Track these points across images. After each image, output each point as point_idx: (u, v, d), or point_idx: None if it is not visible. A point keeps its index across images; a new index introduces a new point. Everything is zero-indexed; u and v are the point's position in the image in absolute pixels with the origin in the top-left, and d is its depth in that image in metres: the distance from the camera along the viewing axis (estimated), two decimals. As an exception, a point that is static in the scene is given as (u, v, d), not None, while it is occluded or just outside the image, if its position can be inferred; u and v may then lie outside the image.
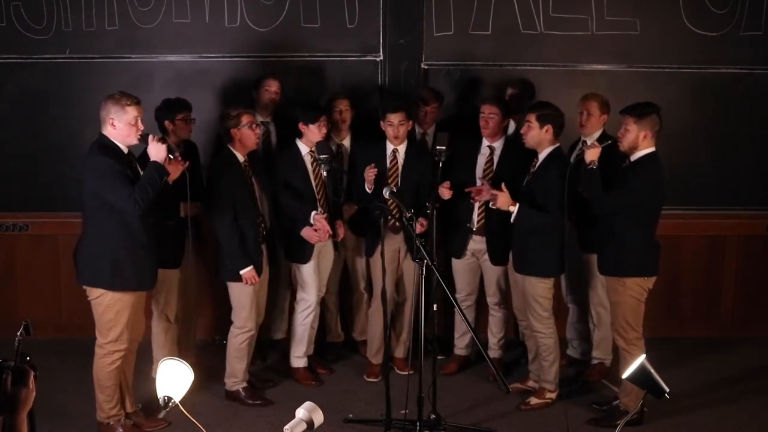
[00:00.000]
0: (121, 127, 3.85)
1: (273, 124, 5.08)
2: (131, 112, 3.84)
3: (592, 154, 4.18)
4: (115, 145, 3.89)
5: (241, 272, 4.35)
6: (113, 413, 4.11)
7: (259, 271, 4.41)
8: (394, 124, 4.68)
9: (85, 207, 3.98)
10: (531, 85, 5.14)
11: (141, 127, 3.89)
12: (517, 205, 4.29)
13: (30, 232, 5.44)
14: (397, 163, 4.79)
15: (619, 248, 4.13)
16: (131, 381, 4.25)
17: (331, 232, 4.60)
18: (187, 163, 4.08)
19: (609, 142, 4.22)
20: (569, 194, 4.19)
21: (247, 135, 4.40)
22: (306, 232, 4.58)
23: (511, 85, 5.13)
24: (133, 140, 3.90)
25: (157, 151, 3.86)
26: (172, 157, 3.96)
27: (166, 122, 4.58)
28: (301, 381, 4.83)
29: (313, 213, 4.57)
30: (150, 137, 3.89)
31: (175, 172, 4.00)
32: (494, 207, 4.43)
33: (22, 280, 5.49)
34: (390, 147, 4.79)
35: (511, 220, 4.32)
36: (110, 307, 3.98)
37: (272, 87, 5.00)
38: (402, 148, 4.78)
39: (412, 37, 5.31)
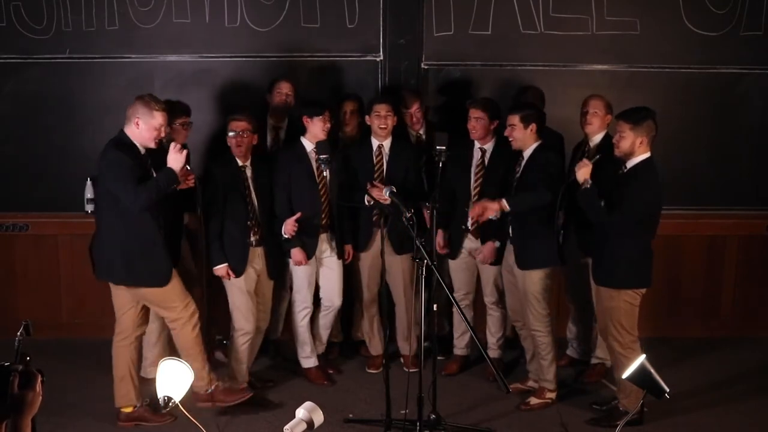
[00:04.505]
0: (144, 129, 3.96)
1: (284, 129, 5.04)
2: (158, 118, 3.97)
3: (583, 174, 4.10)
4: (133, 143, 4.00)
5: (214, 268, 4.43)
6: (213, 375, 4.29)
7: (237, 271, 4.44)
8: (381, 114, 4.70)
9: (98, 204, 4.20)
10: (540, 90, 5.13)
11: (163, 134, 4.04)
12: (503, 200, 4.30)
13: (30, 232, 5.43)
14: (382, 158, 4.80)
15: (615, 257, 4.09)
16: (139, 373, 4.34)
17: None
18: (193, 176, 4.23)
19: (598, 157, 4.19)
20: (565, 191, 4.22)
21: (229, 142, 4.45)
22: (295, 255, 4.63)
23: (523, 92, 5.08)
24: (152, 144, 4.01)
25: (175, 161, 3.95)
26: (189, 167, 4.09)
27: None
28: (314, 380, 4.83)
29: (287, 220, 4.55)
30: (172, 145, 3.99)
31: (182, 185, 4.18)
32: (494, 217, 4.44)
33: (22, 280, 5.49)
34: (375, 143, 4.80)
35: (511, 211, 4.32)
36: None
37: (284, 89, 4.97)
38: (387, 144, 4.80)
39: (412, 37, 5.31)
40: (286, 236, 4.56)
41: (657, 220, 4.13)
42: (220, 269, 4.45)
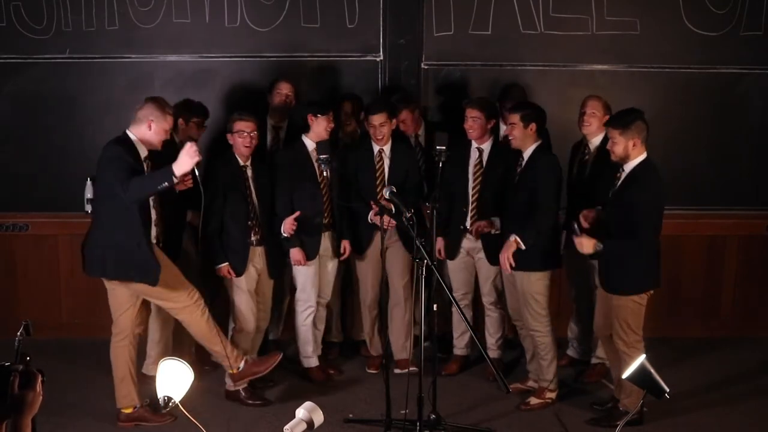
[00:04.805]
0: (156, 130, 4.01)
1: (284, 129, 5.04)
2: (170, 121, 4.07)
3: (586, 247, 4.01)
4: (134, 144, 4.02)
5: (215, 268, 4.46)
6: (238, 352, 4.29)
7: (238, 270, 4.46)
8: (375, 125, 4.69)
9: (95, 202, 4.25)
10: (522, 88, 5.15)
11: (168, 137, 4.13)
12: (517, 237, 4.26)
13: (30, 232, 5.44)
14: (383, 164, 4.80)
15: (621, 264, 4.07)
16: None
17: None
18: (190, 177, 4.22)
19: (577, 227, 4.14)
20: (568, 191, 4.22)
21: (236, 142, 4.44)
22: (294, 255, 4.63)
23: (510, 91, 5.08)
24: (158, 146, 4.04)
25: (185, 163, 3.82)
26: (197, 171, 4.10)
27: (181, 119, 4.61)
28: (316, 379, 4.84)
29: (285, 219, 4.54)
30: (189, 144, 3.85)
31: (180, 186, 4.18)
32: (496, 231, 4.53)
33: (22, 280, 5.49)
34: (376, 148, 4.80)
35: (523, 247, 4.27)
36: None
37: (283, 90, 4.98)
38: (387, 148, 4.79)
39: (412, 37, 5.32)
40: (285, 235, 4.56)
41: (660, 220, 4.12)
42: (221, 269, 4.45)
